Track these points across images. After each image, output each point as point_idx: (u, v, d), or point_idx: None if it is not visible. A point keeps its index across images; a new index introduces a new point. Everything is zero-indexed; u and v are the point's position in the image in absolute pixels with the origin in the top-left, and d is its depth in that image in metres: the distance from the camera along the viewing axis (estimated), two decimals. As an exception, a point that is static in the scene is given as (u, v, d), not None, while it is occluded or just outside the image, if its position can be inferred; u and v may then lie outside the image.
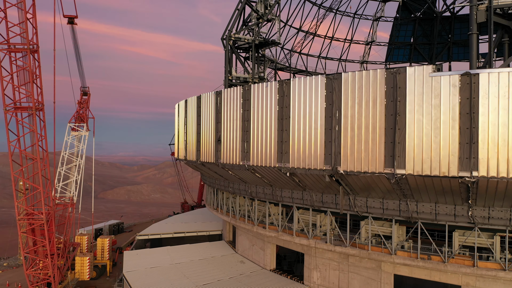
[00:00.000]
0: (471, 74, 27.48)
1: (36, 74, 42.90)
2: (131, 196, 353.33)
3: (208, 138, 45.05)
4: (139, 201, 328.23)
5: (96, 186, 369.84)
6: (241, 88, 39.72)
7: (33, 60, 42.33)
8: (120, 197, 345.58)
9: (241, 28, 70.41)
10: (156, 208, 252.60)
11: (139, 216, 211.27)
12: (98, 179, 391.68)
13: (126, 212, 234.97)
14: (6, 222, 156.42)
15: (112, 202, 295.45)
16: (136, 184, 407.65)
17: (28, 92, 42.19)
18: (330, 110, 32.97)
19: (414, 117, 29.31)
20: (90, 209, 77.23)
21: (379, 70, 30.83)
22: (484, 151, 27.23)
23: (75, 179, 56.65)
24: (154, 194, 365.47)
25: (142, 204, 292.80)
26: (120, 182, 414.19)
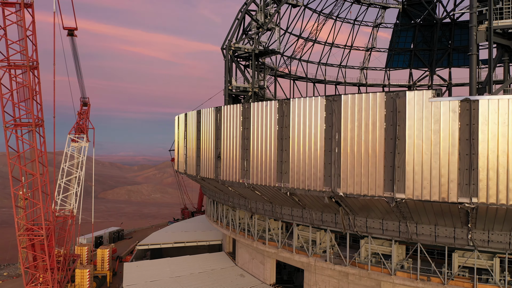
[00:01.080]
0: (471, 101, 27.47)
1: (36, 91, 42.89)
2: (131, 196, 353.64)
3: (208, 153, 45.06)
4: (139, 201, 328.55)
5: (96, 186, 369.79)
6: (241, 106, 39.72)
7: (33, 77, 42.30)
8: (120, 197, 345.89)
9: (241, 36, 70.42)
10: (157, 208, 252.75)
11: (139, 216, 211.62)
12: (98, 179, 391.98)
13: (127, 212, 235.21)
14: (6, 222, 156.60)
15: (112, 202, 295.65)
16: (136, 184, 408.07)
17: (28, 109, 42.16)
18: (329, 132, 32.97)
19: (413, 142, 29.31)
20: (90, 209, 77.11)
21: (378, 93, 30.84)
22: (484, 178, 27.25)
23: (75, 191, 56.65)
24: (154, 194, 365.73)
25: (143, 204, 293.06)
26: (120, 182, 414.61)
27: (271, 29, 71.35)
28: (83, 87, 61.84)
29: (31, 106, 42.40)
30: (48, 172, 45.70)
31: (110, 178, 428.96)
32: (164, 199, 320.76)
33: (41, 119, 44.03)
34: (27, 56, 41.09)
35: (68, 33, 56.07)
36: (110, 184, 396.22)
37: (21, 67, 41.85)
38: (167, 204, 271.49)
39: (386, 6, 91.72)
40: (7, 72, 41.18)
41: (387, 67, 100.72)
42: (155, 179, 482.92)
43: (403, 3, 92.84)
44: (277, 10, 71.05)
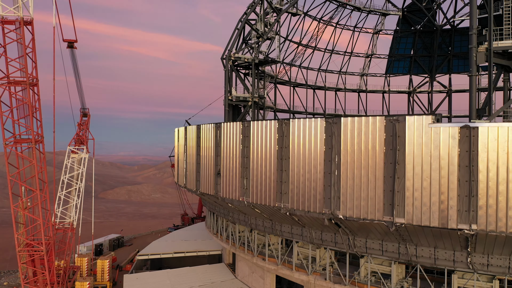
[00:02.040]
0: (470, 127, 27.46)
1: (35, 107, 42.88)
2: (132, 196, 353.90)
3: (207, 169, 45.07)
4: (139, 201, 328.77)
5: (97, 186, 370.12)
6: (240, 124, 39.72)
7: (33, 94, 42.29)
8: (120, 197, 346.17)
9: (240, 45, 70.40)
10: (157, 208, 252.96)
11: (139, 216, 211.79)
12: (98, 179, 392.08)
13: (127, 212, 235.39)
14: (6, 222, 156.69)
15: (112, 202, 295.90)
16: (137, 184, 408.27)
17: (28, 126, 42.17)
18: (329, 154, 32.97)
19: (413, 167, 29.31)
20: (90, 209, 76.47)
21: (378, 117, 30.83)
22: (484, 205, 27.25)
23: (74, 204, 56.69)
24: (155, 194, 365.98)
25: (143, 204, 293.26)
26: (120, 182, 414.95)
27: (271, 38, 71.33)
28: (83, 98, 61.83)
29: (31, 123, 42.38)
30: (48, 187, 45.71)
31: (110, 178, 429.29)
32: (164, 199, 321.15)
33: (41, 135, 44.02)
34: (26, 73, 41.05)
35: (68, 45, 55.98)
36: (110, 184, 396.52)
37: (21, 83, 41.83)
38: (167, 204, 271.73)
39: (386, 13, 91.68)
40: (7, 90, 41.13)
41: (387, 73, 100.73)
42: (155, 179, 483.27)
43: (403, 9, 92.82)
44: (277, 20, 71.03)
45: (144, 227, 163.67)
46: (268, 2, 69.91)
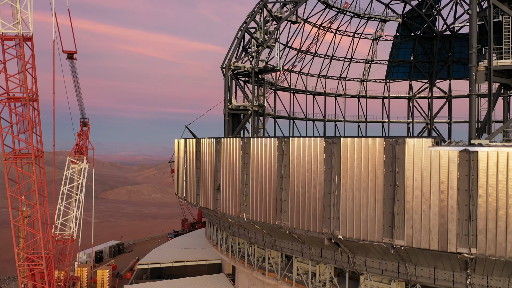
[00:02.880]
0: (470, 152, 27.48)
1: (35, 123, 42.87)
2: (132, 196, 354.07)
3: (207, 184, 45.09)
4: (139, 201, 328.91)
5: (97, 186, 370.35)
6: (240, 140, 39.73)
7: (32, 110, 42.28)
8: (120, 197, 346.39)
9: (240, 54, 70.38)
10: (157, 208, 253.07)
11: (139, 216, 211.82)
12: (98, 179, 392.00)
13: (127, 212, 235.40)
14: (6, 222, 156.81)
15: (112, 202, 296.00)
16: (137, 184, 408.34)
17: (27, 142, 42.17)
18: (329, 174, 32.98)
19: (412, 190, 29.33)
20: (90, 209, 75.93)
21: (378, 139, 30.84)
22: (483, 229, 27.28)
23: (74, 215, 56.72)
24: (155, 194, 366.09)
25: (143, 204, 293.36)
26: (120, 182, 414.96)
27: (270, 46, 71.30)
28: (83, 108, 61.82)
29: (30, 138, 42.36)
30: (48, 202, 45.73)
31: (110, 178, 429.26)
32: (164, 199, 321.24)
33: (41, 150, 44.02)
34: (26, 89, 41.03)
35: (68, 56, 55.96)
36: (110, 184, 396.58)
37: (21, 99, 41.81)
38: (167, 204, 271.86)
39: (385, 19, 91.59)
40: (7, 106, 41.12)
41: (387, 79, 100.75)
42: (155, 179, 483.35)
43: (403, 15, 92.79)
44: (276, 28, 70.99)
45: (144, 227, 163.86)
46: (268, 11, 69.88)
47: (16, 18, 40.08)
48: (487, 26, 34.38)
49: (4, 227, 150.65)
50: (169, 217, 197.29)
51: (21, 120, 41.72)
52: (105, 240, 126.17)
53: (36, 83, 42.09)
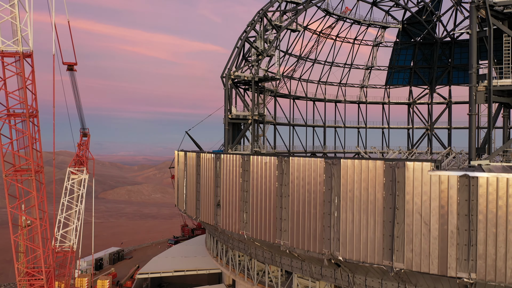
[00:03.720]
0: (470, 177, 27.49)
1: (35, 138, 42.84)
2: (132, 196, 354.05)
3: (207, 199, 45.10)
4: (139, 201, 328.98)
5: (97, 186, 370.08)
6: (240, 158, 39.73)
7: (32, 126, 42.24)
8: (120, 197, 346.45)
9: (240, 62, 70.31)
10: (157, 208, 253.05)
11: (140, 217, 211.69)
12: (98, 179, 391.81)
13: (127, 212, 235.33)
14: (6, 222, 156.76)
15: (112, 202, 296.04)
16: (137, 184, 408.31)
17: (28, 159, 42.15)
18: (329, 195, 33.01)
19: (412, 213, 29.37)
20: (90, 209, 75.39)
21: (378, 161, 30.85)
22: (483, 255, 27.30)
23: (74, 226, 56.72)
24: (155, 194, 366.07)
25: (143, 204, 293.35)
26: (120, 182, 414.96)
27: (270, 55, 71.25)
28: (83, 119, 61.76)
29: (30, 154, 42.34)
30: (48, 217, 45.74)
31: (110, 178, 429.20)
32: (165, 199, 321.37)
33: (41, 165, 44.00)
34: (26, 106, 40.99)
35: (68, 68, 55.82)
36: (110, 184, 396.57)
37: (21, 115, 41.76)
38: (167, 204, 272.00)
39: (386, 26, 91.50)
40: (7, 123, 41.09)
41: (387, 85, 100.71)
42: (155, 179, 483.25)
43: (403, 22, 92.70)
44: (276, 37, 70.92)
45: (144, 227, 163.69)
46: (268, 20, 69.80)
47: (16, 35, 40.01)
48: (487, 45, 34.36)
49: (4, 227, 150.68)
50: (169, 217, 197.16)
51: (21, 137, 41.66)
52: (105, 240, 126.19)
53: (36, 99, 42.04)
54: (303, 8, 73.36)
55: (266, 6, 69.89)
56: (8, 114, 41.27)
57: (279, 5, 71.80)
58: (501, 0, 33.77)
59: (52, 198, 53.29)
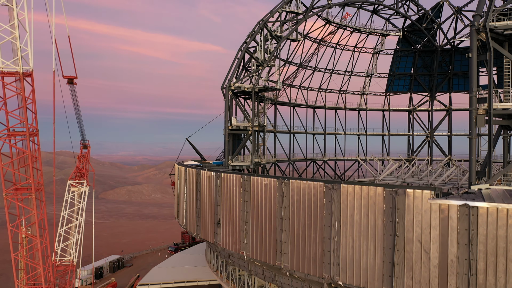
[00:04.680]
0: (470, 206, 27.50)
1: (35, 157, 42.86)
2: (132, 196, 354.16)
3: (207, 216, 45.12)
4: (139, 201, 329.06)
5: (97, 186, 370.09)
6: (240, 178, 39.73)
7: (33, 144, 42.28)
8: (120, 197, 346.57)
9: (240, 72, 70.26)
10: (157, 208, 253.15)
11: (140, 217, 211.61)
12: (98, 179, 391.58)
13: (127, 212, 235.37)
14: (5, 222, 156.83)
15: (112, 202, 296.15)
16: (137, 184, 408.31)
17: (28, 178, 42.20)
18: (329, 220, 33.02)
19: (412, 241, 29.37)
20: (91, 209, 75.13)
21: (378, 188, 30.85)
22: (482, 284, 27.30)
23: (75, 240, 56.75)
24: (155, 194, 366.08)
25: (143, 204, 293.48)
26: (120, 182, 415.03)
27: (271, 66, 71.20)
28: (83, 131, 61.76)
29: (30, 173, 42.38)
30: (48, 234, 45.81)
31: (110, 178, 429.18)
32: (165, 199, 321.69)
33: (41, 183, 44.04)
34: (26, 125, 41.02)
35: (68, 82, 55.81)
36: (111, 184, 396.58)
37: (21, 133, 41.79)
38: (167, 205, 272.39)
39: (386, 34, 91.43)
40: (7, 143, 41.14)
41: (387, 92, 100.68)
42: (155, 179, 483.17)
43: (403, 29, 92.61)
44: (276, 47, 70.87)
45: (144, 227, 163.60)
46: (268, 30, 69.74)
47: (16, 54, 40.01)
48: (487, 68, 34.33)
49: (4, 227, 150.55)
50: (169, 217, 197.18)
51: (22, 156, 41.69)
52: (105, 240, 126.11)
53: (37, 118, 42.09)
54: (303, 18, 73.28)
55: (266, 17, 69.84)
56: (8, 134, 41.31)
57: (279, 15, 71.72)
58: (502, 24, 33.73)
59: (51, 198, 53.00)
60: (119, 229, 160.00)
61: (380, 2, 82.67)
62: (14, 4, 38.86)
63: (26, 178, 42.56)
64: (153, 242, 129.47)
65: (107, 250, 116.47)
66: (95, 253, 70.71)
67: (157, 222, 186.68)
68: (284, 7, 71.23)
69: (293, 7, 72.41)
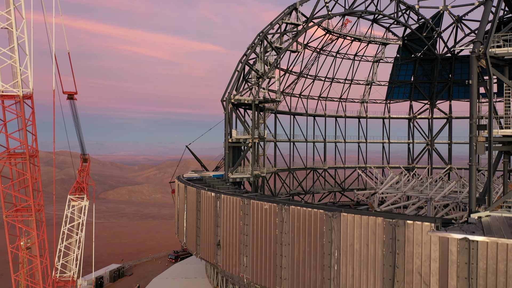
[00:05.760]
0: (470, 240, 27.50)
1: (35, 178, 42.90)
2: (132, 196, 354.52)
3: (207, 237, 45.15)
4: (140, 201, 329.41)
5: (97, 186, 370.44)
6: (240, 201, 39.74)
7: (33, 166, 42.30)
8: (121, 197, 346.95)
9: (241, 83, 70.18)
10: (157, 208, 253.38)
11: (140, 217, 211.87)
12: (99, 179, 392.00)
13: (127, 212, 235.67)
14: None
15: (113, 202, 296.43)
16: (137, 184, 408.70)
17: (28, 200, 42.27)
18: (329, 248, 33.04)
19: (412, 272, 29.40)
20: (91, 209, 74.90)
21: (378, 218, 30.86)
22: (482, 319, 27.35)
23: (75, 256, 56.77)
24: (155, 194, 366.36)
25: (143, 204, 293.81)
26: (121, 182, 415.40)
27: (270, 77, 71.15)
28: (83, 144, 61.77)
29: (31, 195, 42.42)
30: (48, 254, 45.88)
31: (110, 178, 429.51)
32: (165, 199, 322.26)
33: (41, 204, 44.09)
34: (26, 147, 41.05)
35: (68, 97, 55.75)
36: (111, 184, 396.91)
37: (21, 155, 41.83)
38: (168, 205, 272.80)
39: (386, 43, 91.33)
40: (8, 165, 41.17)
41: (388, 99, 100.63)
42: (155, 179, 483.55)
43: (403, 38, 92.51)
44: (276, 59, 70.81)
45: (144, 228, 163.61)
46: (269, 42, 69.67)
47: (16, 77, 39.99)
48: (487, 93, 34.28)
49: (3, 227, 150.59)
50: (169, 217, 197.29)
51: (22, 178, 41.73)
52: (105, 240, 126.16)
53: (36, 139, 42.12)
54: (303, 30, 73.19)
55: (266, 29, 69.77)
56: (8, 155, 41.34)
57: (279, 27, 71.63)
58: (502, 51, 33.64)
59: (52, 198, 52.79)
60: (119, 229, 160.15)
61: (380, 12, 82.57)
62: (14, 28, 38.81)
63: (26, 200, 42.59)
64: (153, 242, 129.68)
65: (107, 251, 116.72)
66: (95, 253, 70.61)
67: (158, 222, 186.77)
68: (284, 18, 71.15)
69: (293, 18, 72.30)
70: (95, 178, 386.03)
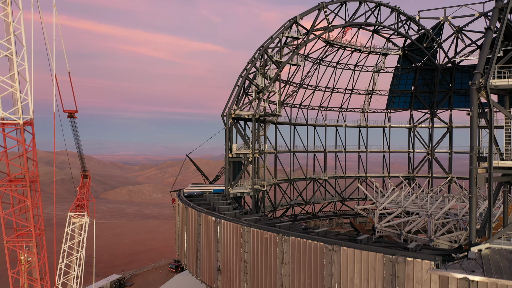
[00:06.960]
0: (470, 280, 27.55)
1: (36, 203, 42.95)
2: (133, 196, 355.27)
3: (208, 260, 45.19)
4: (140, 201, 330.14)
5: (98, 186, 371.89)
6: (241, 228, 39.78)
7: (33, 192, 42.35)
8: (121, 197, 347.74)
9: (241, 97, 70.16)
10: (158, 209, 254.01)
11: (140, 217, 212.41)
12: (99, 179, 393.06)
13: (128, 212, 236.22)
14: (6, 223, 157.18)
15: (113, 202, 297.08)
16: (138, 184, 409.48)
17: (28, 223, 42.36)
18: (329, 281, 33.08)
19: (412, 310, 29.45)
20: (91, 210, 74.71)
21: (378, 254, 30.90)
22: None
23: (75, 274, 56.83)
24: (156, 194, 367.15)
25: (144, 204, 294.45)
26: (121, 182, 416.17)
27: (271, 91, 71.15)
28: (84, 162, 61.76)
29: (31, 219, 42.47)
30: (49, 276, 45.97)
31: (111, 178, 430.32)
32: (165, 199, 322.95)
33: (42, 228, 44.15)
34: (26, 173, 41.08)
35: (68, 115, 55.71)
36: (111, 184, 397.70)
37: (21, 181, 41.87)
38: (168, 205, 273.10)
39: (386, 53, 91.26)
40: (9, 192, 41.22)
41: (388, 109, 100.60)
42: (156, 179, 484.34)
43: (403, 48, 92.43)
44: (277, 73, 70.76)
45: (145, 228, 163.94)
46: (269, 56, 69.61)
47: (16, 104, 39.98)
48: (488, 125, 34.28)
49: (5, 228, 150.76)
50: (170, 217, 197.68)
51: (23, 204, 41.78)
52: (106, 241, 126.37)
53: (37, 165, 42.15)
54: (303, 43, 73.13)
55: (266, 43, 69.71)
56: (9, 181, 41.40)
57: (280, 40, 71.57)
58: (502, 83, 33.63)
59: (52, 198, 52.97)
60: (120, 229, 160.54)
61: (380, 23, 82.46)
62: (14, 56, 38.80)
63: (27, 225, 42.65)
64: (154, 242, 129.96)
65: (108, 251, 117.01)
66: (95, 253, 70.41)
67: (158, 222, 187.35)
68: (284, 32, 71.08)
69: (293, 32, 72.18)
70: (96, 178, 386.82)
